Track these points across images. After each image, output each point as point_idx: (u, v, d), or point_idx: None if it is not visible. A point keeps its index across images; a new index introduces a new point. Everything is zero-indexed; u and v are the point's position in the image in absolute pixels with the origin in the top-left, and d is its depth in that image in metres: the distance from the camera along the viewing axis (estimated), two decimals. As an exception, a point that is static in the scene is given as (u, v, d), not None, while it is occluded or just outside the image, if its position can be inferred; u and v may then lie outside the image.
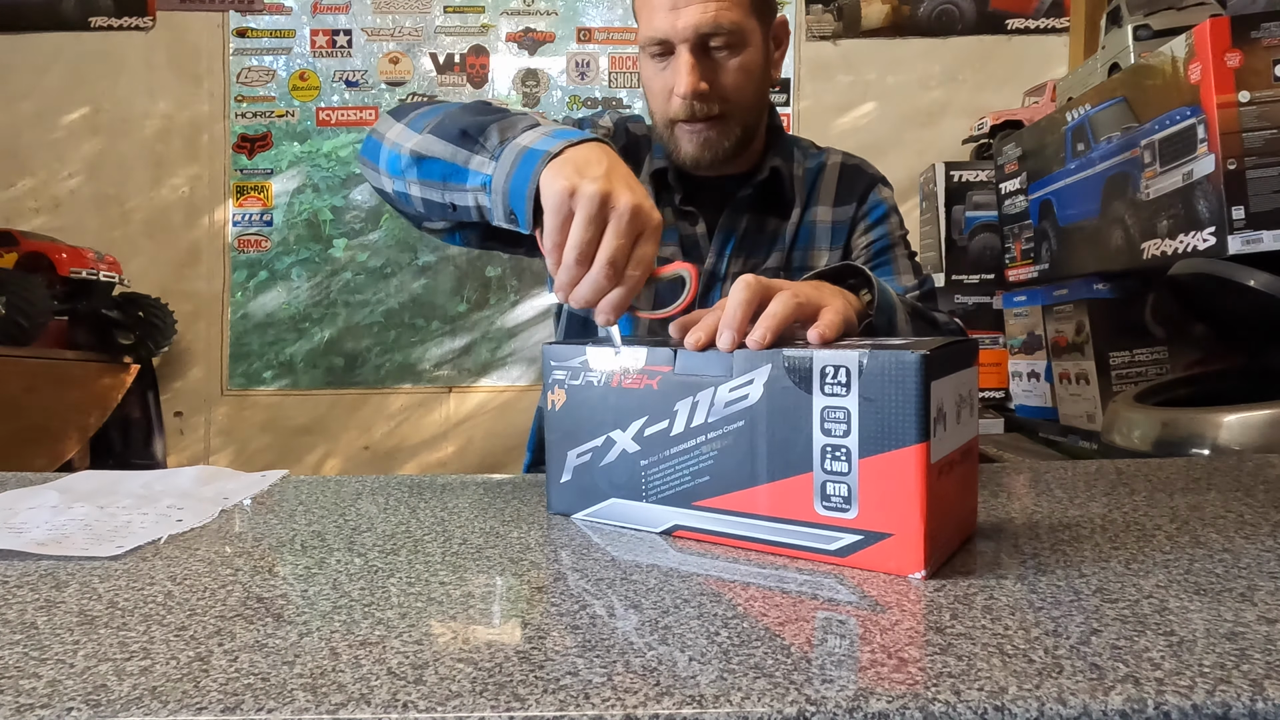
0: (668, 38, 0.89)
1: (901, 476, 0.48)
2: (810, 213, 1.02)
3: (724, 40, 0.89)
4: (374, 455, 2.90)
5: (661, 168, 1.00)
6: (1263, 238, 1.35)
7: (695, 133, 0.93)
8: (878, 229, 1.01)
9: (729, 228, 0.99)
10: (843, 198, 1.02)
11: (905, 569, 0.48)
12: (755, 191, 0.99)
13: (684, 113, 0.91)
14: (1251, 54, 1.36)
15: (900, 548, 0.48)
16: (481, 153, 0.67)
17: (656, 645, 0.39)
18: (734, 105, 0.93)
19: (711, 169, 0.96)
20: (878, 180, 1.05)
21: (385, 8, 2.93)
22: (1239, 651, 0.37)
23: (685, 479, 0.57)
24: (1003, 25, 2.85)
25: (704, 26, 0.88)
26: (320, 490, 0.76)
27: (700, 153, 0.94)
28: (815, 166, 1.04)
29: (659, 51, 0.91)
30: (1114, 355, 1.80)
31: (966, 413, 0.53)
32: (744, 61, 0.92)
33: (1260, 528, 0.58)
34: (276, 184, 2.94)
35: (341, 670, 0.37)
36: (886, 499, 0.48)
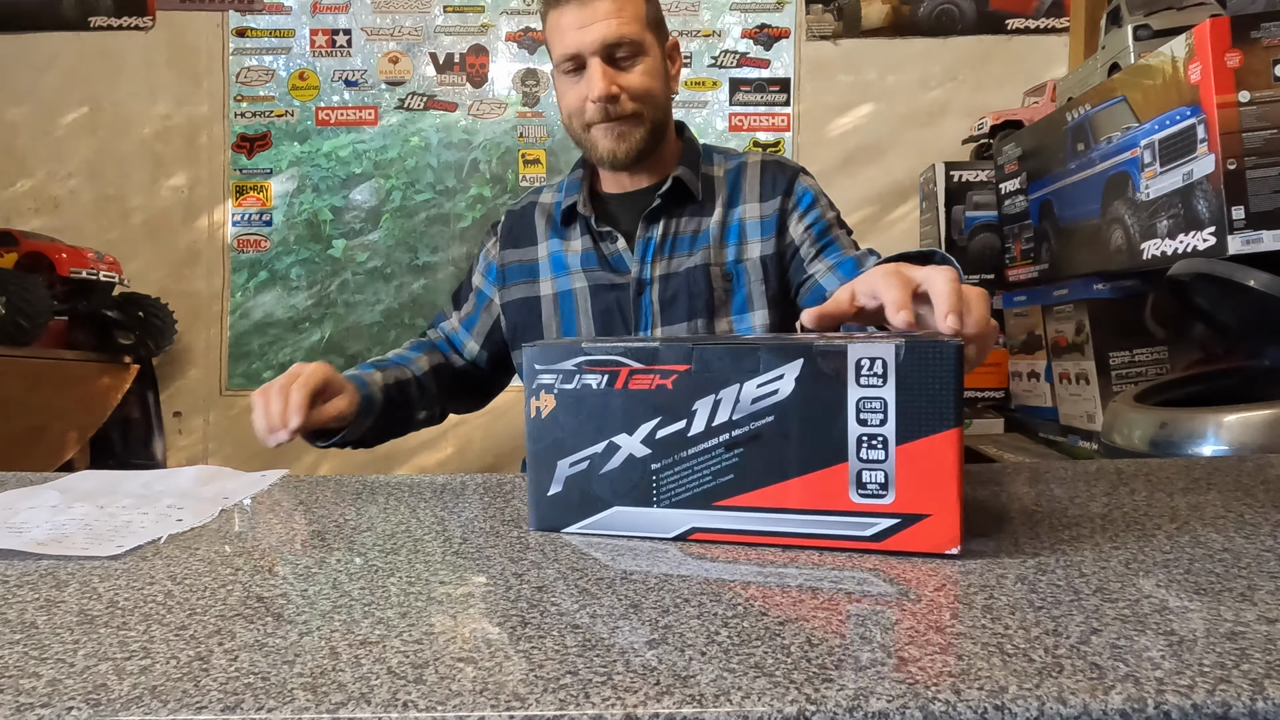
0: (579, 52, 1.02)
1: (940, 459, 0.51)
2: (738, 210, 1.11)
3: (627, 50, 1.02)
4: (373, 455, 2.89)
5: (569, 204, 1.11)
6: (1263, 238, 1.35)
7: (610, 129, 1.04)
8: (810, 214, 1.10)
9: (646, 237, 1.08)
10: (767, 193, 1.11)
11: (944, 546, 0.51)
12: (663, 200, 1.08)
13: (599, 115, 1.03)
14: (1251, 54, 1.36)
15: (938, 527, 0.51)
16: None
17: (656, 645, 0.39)
18: (641, 104, 1.04)
19: (629, 164, 1.06)
20: (799, 170, 1.14)
21: (385, 7, 2.93)
22: (1239, 651, 0.37)
23: (705, 479, 0.56)
24: (1003, 25, 2.84)
25: (610, 38, 1.00)
26: (320, 490, 0.76)
27: (616, 145, 1.04)
28: (735, 167, 1.14)
29: (572, 67, 1.04)
30: (1114, 355, 1.80)
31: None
32: (646, 67, 1.04)
33: (1260, 528, 0.58)
34: (276, 184, 2.94)
35: (341, 670, 0.37)
36: (925, 482, 0.51)
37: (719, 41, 2.93)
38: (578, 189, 1.11)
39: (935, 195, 2.42)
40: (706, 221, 1.09)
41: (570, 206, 1.11)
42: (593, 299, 1.08)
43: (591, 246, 1.10)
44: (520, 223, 1.17)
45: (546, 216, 1.15)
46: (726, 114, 2.92)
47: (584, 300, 1.09)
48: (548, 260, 1.12)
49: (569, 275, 1.10)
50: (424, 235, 2.91)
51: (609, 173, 1.11)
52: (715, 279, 1.07)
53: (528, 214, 1.17)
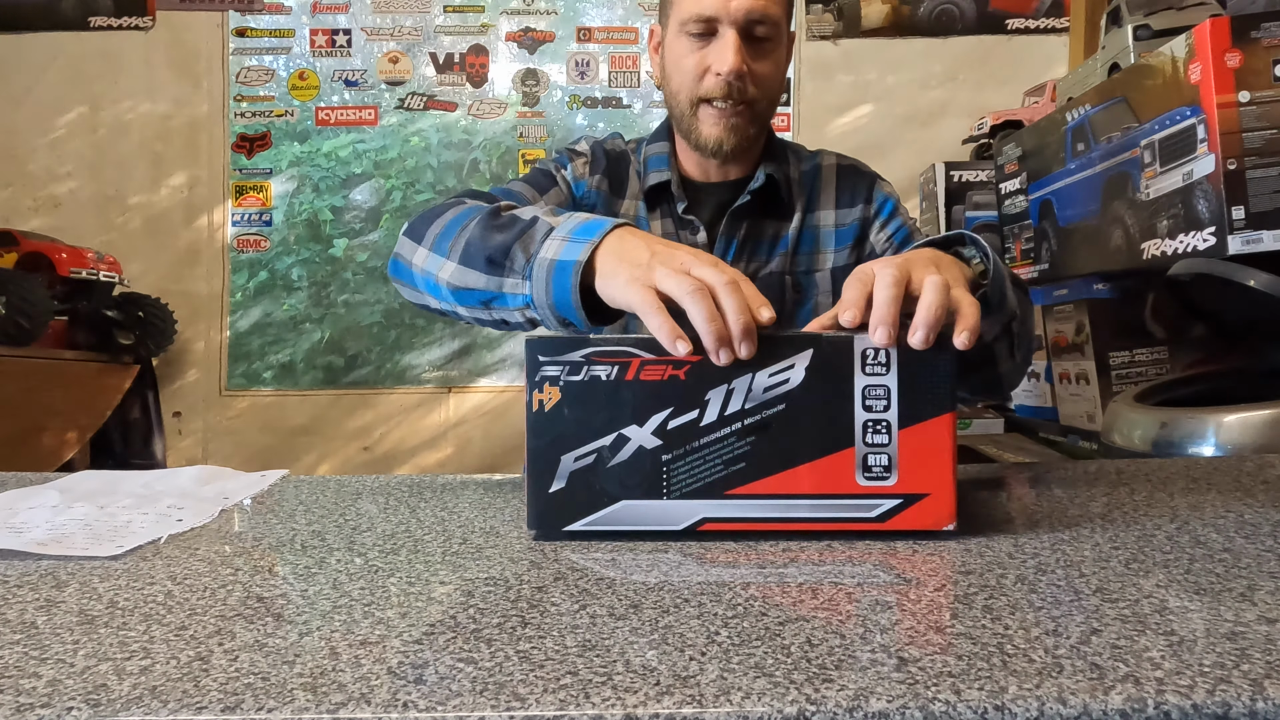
0: (716, 16, 0.90)
1: (937, 442, 0.55)
2: (812, 216, 1.03)
3: (766, 30, 0.92)
4: (373, 455, 2.90)
5: (661, 181, 1.01)
6: (1263, 238, 1.35)
7: (723, 115, 0.94)
8: (893, 223, 1.03)
9: (729, 235, 1.00)
10: (845, 200, 1.03)
11: (941, 523, 0.55)
12: (752, 198, 1.00)
13: (720, 91, 0.92)
14: (1251, 54, 1.36)
15: (936, 505, 0.55)
16: (512, 274, 0.68)
17: (656, 645, 0.39)
18: (762, 94, 0.95)
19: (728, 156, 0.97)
20: (876, 177, 1.07)
21: (385, 7, 2.93)
22: (1239, 651, 0.37)
23: (717, 468, 0.56)
24: (1003, 25, 2.85)
25: (755, 12, 0.90)
26: (320, 490, 0.76)
27: (725, 135, 0.95)
28: (811, 169, 1.05)
29: (700, 31, 0.92)
30: (1114, 355, 1.80)
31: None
32: (777, 55, 0.95)
33: (1260, 528, 0.58)
34: (276, 184, 2.94)
35: (341, 670, 0.37)
36: (924, 463, 0.55)
37: (719, 41, 2.93)
38: (666, 165, 1.02)
39: (935, 195, 2.42)
40: (786, 226, 1.02)
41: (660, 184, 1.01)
42: None
43: (675, 232, 1.02)
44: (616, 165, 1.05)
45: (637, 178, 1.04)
46: (726, 114, 2.92)
47: None
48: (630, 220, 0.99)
49: None
50: (424, 235, 2.91)
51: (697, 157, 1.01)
52: (788, 289, 1.01)
53: (624, 161, 1.05)
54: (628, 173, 1.04)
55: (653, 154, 1.03)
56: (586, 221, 0.66)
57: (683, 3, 0.93)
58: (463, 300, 0.75)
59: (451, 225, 0.76)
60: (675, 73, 0.97)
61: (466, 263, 0.72)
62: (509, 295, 0.69)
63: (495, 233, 0.71)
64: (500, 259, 0.69)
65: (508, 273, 0.69)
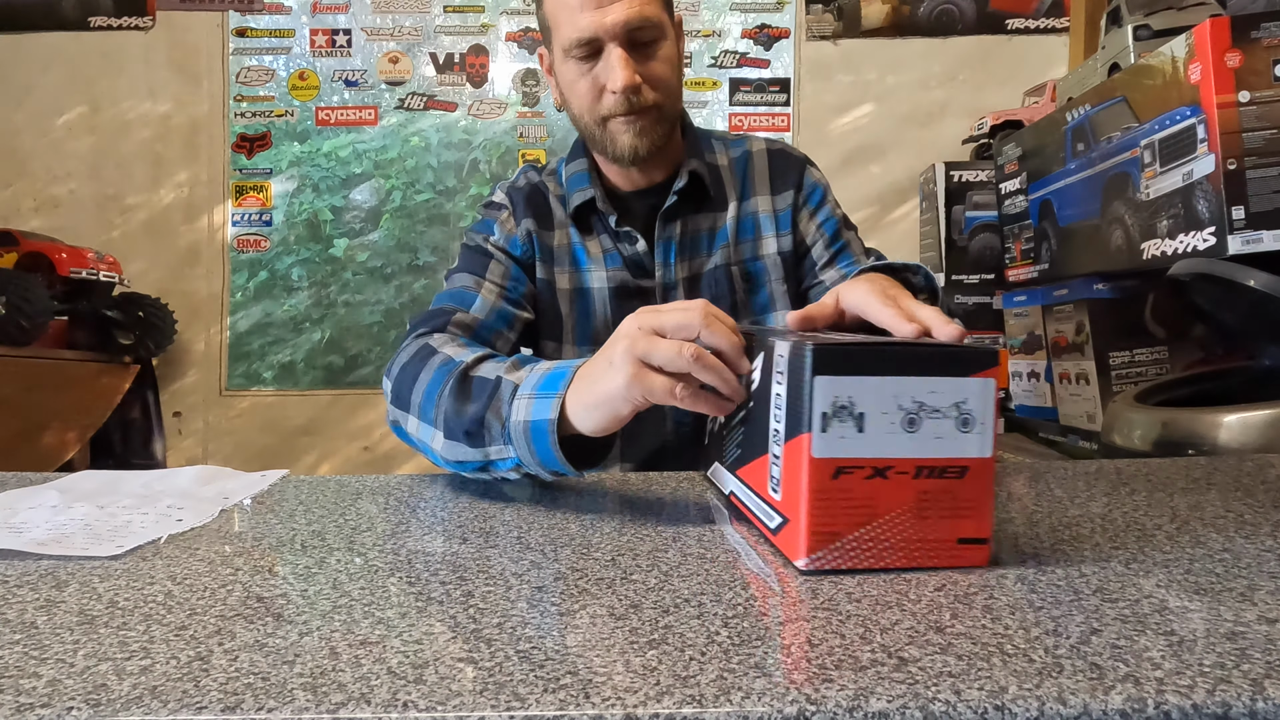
0: (596, 36, 0.90)
1: (797, 464, 0.49)
2: (749, 204, 1.03)
3: (649, 34, 0.91)
4: (373, 456, 2.90)
5: (586, 200, 1.00)
6: (1263, 238, 1.35)
7: (631, 123, 0.93)
8: (821, 211, 1.04)
9: (667, 238, 1.00)
10: (779, 185, 1.04)
11: (793, 555, 0.50)
12: (680, 197, 1.00)
13: (621, 107, 0.92)
14: (1251, 54, 1.36)
15: (793, 534, 0.50)
16: (494, 442, 0.69)
17: (656, 645, 0.39)
18: (663, 94, 0.94)
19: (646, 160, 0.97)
20: (806, 163, 1.07)
21: (385, 7, 2.93)
22: (1239, 651, 0.37)
23: (735, 449, 0.63)
24: (1003, 25, 2.85)
25: (633, 21, 0.89)
26: (320, 490, 0.76)
27: (638, 140, 0.94)
28: (741, 156, 1.05)
29: (585, 53, 0.92)
30: (1114, 355, 1.80)
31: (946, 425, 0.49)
32: (666, 53, 0.94)
33: (1260, 528, 0.58)
34: (276, 184, 2.94)
35: (341, 670, 0.37)
36: (792, 484, 0.50)
37: (719, 41, 2.93)
38: (587, 182, 1.01)
39: (935, 195, 2.42)
40: (722, 218, 1.02)
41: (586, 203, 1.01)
42: (616, 302, 1.00)
43: (613, 247, 1.01)
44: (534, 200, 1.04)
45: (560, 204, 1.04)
46: (726, 114, 2.92)
47: (602, 302, 1.01)
48: (567, 249, 1.02)
49: (588, 273, 1.02)
50: (424, 235, 2.91)
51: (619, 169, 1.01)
52: (736, 279, 1.01)
53: (540, 193, 1.04)
54: (549, 203, 1.04)
55: (572, 173, 1.03)
56: (548, 374, 0.68)
57: (561, 29, 0.92)
58: (462, 469, 0.76)
59: (429, 391, 0.77)
60: (573, 97, 0.96)
61: (450, 436, 0.73)
62: (497, 461, 0.71)
63: (466, 404, 0.72)
64: (477, 430, 0.70)
65: (489, 442, 0.70)
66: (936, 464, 0.49)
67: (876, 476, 0.48)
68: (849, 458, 0.48)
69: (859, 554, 0.49)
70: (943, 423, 0.48)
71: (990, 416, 0.49)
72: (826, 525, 0.48)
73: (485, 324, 0.94)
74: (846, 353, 0.48)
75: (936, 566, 0.49)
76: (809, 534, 0.48)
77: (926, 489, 0.49)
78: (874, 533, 0.49)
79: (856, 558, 0.49)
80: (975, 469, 0.49)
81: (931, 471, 0.49)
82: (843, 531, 0.48)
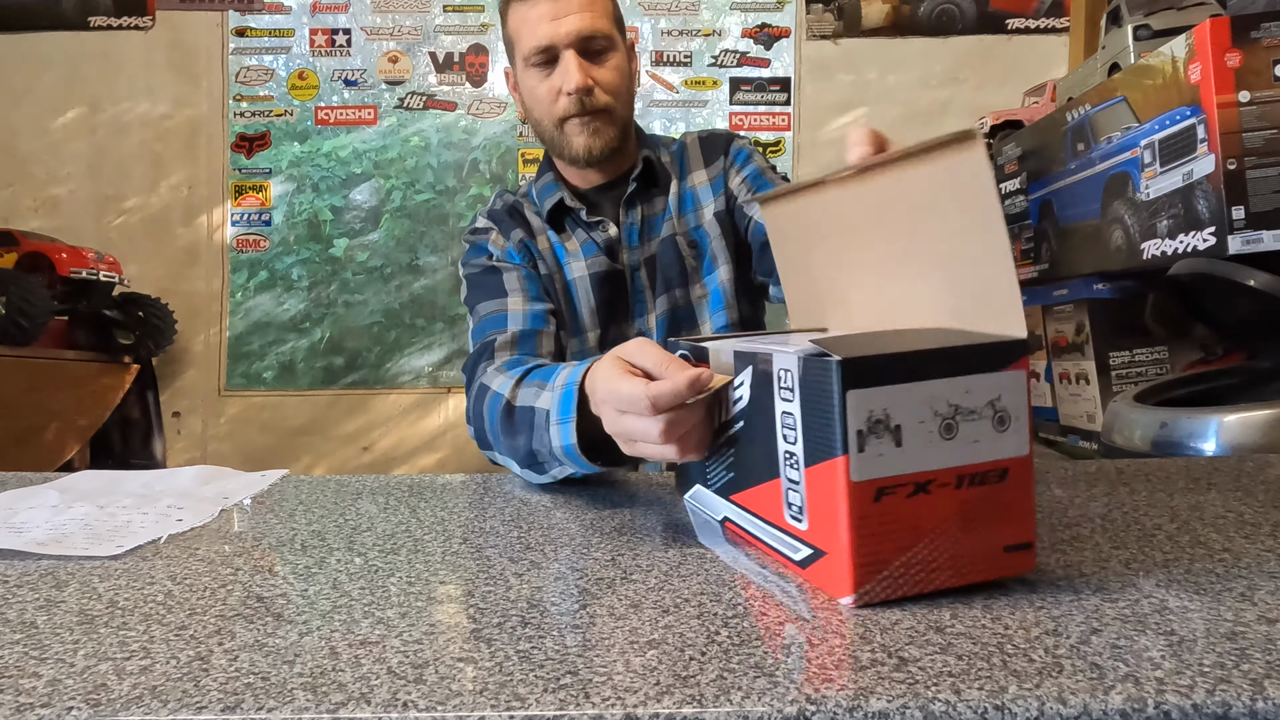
0: (553, 44, 1.01)
1: (829, 490, 0.44)
2: (686, 181, 1.15)
3: (600, 44, 1.03)
4: (373, 456, 2.90)
5: (556, 202, 1.10)
6: (1263, 238, 1.35)
7: (585, 124, 1.04)
8: (748, 167, 1.13)
9: (630, 223, 1.11)
10: (709, 159, 1.15)
11: (837, 592, 0.45)
12: (638, 184, 1.10)
13: (574, 108, 1.02)
14: (1251, 54, 1.36)
15: (833, 568, 0.45)
16: (552, 464, 0.75)
17: (656, 645, 0.39)
18: (613, 99, 1.05)
19: (601, 160, 1.07)
20: (734, 136, 1.18)
21: (384, 7, 2.93)
22: (1239, 651, 0.37)
23: (724, 472, 0.58)
24: (1003, 25, 2.84)
25: (585, 30, 1.01)
26: (320, 490, 0.76)
27: (592, 140, 1.04)
28: (678, 148, 1.17)
29: (542, 60, 1.02)
30: (1114, 355, 1.80)
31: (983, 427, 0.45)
32: (616, 62, 1.05)
33: (1260, 528, 0.57)
34: (275, 184, 2.94)
35: (341, 669, 0.37)
36: (823, 513, 0.46)
37: (719, 41, 2.93)
38: (555, 189, 1.11)
39: (935, 195, 2.42)
40: (666, 199, 1.14)
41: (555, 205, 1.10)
42: (597, 288, 1.09)
43: (588, 238, 1.11)
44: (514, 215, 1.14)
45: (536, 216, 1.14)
46: (727, 113, 2.92)
47: (585, 290, 1.10)
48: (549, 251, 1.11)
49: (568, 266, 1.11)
50: (424, 235, 2.91)
51: (578, 171, 1.11)
52: (683, 248, 1.11)
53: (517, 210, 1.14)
54: (526, 215, 1.14)
55: (541, 186, 1.13)
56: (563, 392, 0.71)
57: (522, 40, 1.03)
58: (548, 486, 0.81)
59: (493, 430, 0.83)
60: (534, 103, 1.06)
61: (523, 465, 0.79)
62: (563, 474, 0.76)
63: (516, 438, 0.78)
64: (533, 461, 0.76)
65: (549, 466, 0.75)
66: (978, 470, 0.45)
67: (919, 493, 0.44)
68: (890, 476, 0.44)
69: (908, 580, 0.44)
70: (979, 424, 0.45)
71: (1025, 411, 0.46)
72: (872, 554, 0.44)
73: (525, 333, 1.00)
74: (876, 360, 0.44)
75: (986, 580, 0.46)
76: (855, 566, 0.43)
77: (969, 498, 0.45)
78: (921, 554, 0.45)
79: (906, 584, 0.44)
80: (1015, 469, 0.46)
81: (973, 479, 0.45)
82: (890, 558, 0.44)
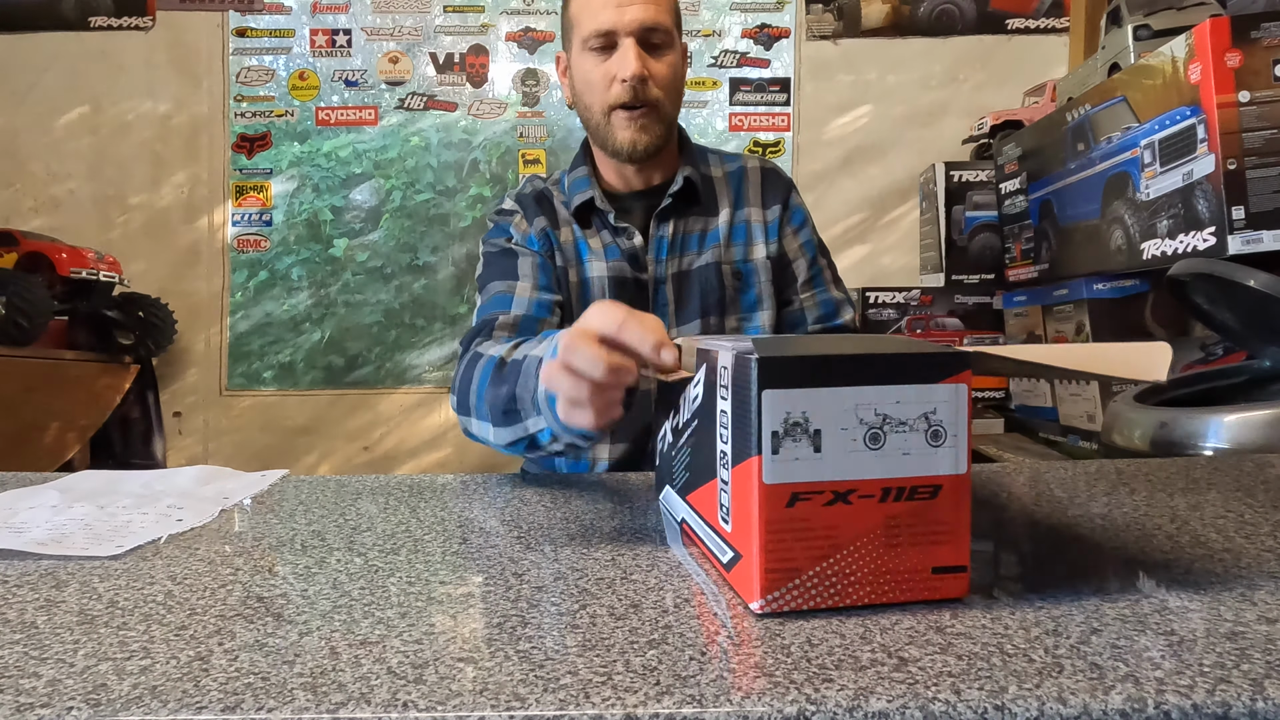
0: (613, 29, 1.00)
1: (747, 491, 0.43)
2: (741, 212, 1.13)
3: (660, 38, 1.01)
4: (373, 456, 2.89)
5: (585, 200, 1.08)
6: (1263, 238, 1.35)
7: (632, 119, 1.02)
8: (803, 232, 1.14)
9: (660, 236, 1.09)
10: (769, 200, 1.14)
11: (748, 596, 0.44)
12: (674, 200, 1.08)
13: (626, 95, 1.01)
14: (1251, 54, 1.36)
15: (746, 571, 0.44)
16: (528, 415, 0.75)
17: (656, 645, 0.39)
18: (665, 97, 1.03)
19: (643, 158, 1.05)
20: (793, 186, 1.17)
21: (385, 7, 2.93)
22: (1239, 651, 0.37)
23: (684, 472, 0.58)
24: (1003, 25, 2.84)
25: (648, 21, 1.00)
26: (320, 490, 0.76)
27: (638, 135, 1.03)
28: (736, 170, 1.15)
29: (601, 45, 1.01)
30: (1114, 355, 1.79)
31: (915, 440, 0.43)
32: (672, 60, 1.04)
33: (1260, 528, 0.57)
34: (276, 184, 2.94)
35: (341, 669, 0.37)
36: (742, 515, 0.44)
37: (719, 41, 2.93)
38: (588, 185, 1.09)
39: (935, 195, 2.42)
40: (714, 221, 1.11)
41: (586, 203, 1.09)
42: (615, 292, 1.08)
43: (612, 241, 1.09)
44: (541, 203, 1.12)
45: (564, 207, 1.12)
46: (726, 114, 2.92)
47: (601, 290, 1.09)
48: (572, 245, 1.10)
49: (588, 264, 1.10)
50: (424, 235, 2.91)
51: (616, 167, 1.09)
52: (726, 277, 1.10)
53: (546, 197, 1.12)
54: (554, 205, 1.12)
55: (574, 179, 1.11)
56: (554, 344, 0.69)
57: (583, 23, 1.02)
58: (518, 451, 0.82)
59: (479, 390, 0.83)
60: (585, 89, 1.05)
61: (497, 423, 0.80)
62: (537, 434, 0.76)
63: (501, 387, 0.79)
64: (512, 408, 0.76)
65: (524, 416, 0.75)
66: (906, 484, 0.43)
67: (838, 502, 0.42)
68: (805, 482, 0.42)
69: (821, 592, 0.43)
70: (910, 436, 0.43)
71: (964, 427, 0.44)
72: (783, 561, 0.42)
73: (528, 317, 1.01)
74: (798, 361, 0.42)
75: (910, 601, 0.44)
76: (763, 571, 0.42)
77: (895, 513, 0.43)
78: (838, 566, 0.43)
79: (819, 596, 0.43)
80: (949, 487, 0.43)
81: (900, 493, 0.43)
82: (802, 567, 0.43)
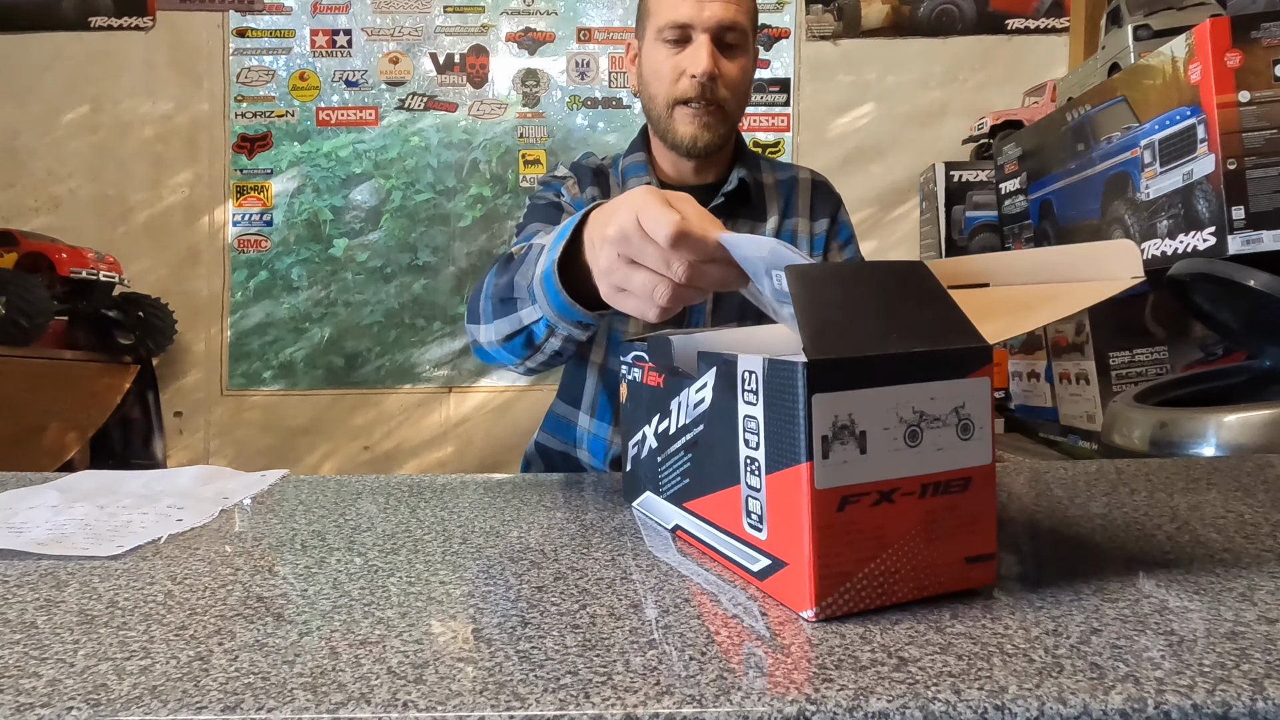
0: (690, 23, 0.98)
1: (792, 498, 0.43)
2: (790, 221, 1.12)
3: (735, 38, 1.00)
4: (374, 455, 2.90)
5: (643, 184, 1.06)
6: (1263, 238, 1.35)
7: (696, 115, 1.01)
8: (849, 249, 1.14)
9: None
10: (818, 213, 1.13)
11: (798, 605, 0.43)
12: (726, 200, 1.07)
13: (694, 91, 0.99)
14: (1251, 54, 1.36)
15: (793, 580, 0.43)
16: (525, 304, 0.72)
17: (657, 645, 0.39)
18: (731, 98, 1.02)
19: (702, 154, 1.04)
20: (842, 202, 1.17)
21: (385, 8, 2.93)
22: (1239, 651, 0.37)
23: (679, 479, 0.57)
24: (1003, 25, 2.84)
25: (725, 20, 0.98)
26: (320, 490, 0.76)
27: (700, 133, 1.02)
28: (788, 179, 1.14)
29: (676, 37, 1.00)
30: (1114, 355, 1.80)
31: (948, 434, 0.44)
32: (744, 63, 1.02)
33: (1260, 528, 0.57)
34: (276, 184, 2.94)
35: (341, 670, 0.37)
36: (784, 522, 0.44)
37: (719, 41, 2.93)
38: (644, 172, 1.08)
39: (935, 195, 2.42)
40: (761, 227, 1.09)
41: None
42: None
43: None
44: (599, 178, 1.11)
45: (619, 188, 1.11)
46: (726, 114, 2.92)
47: None
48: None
49: None
50: (424, 235, 2.91)
51: (673, 160, 1.08)
52: None
53: (604, 174, 1.11)
54: (609, 184, 1.11)
55: (630, 164, 1.10)
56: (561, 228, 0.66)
57: (660, 12, 1.01)
58: (513, 351, 0.79)
59: (487, 287, 0.81)
60: (653, 78, 1.03)
61: (495, 316, 0.77)
62: (532, 326, 0.73)
63: (504, 275, 0.76)
64: (509, 295, 0.74)
65: (520, 305, 0.72)
66: (941, 478, 0.44)
67: (883, 502, 0.43)
68: (854, 484, 0.42)
69: (870, 593, 0.43)
70: (944, 432, 0.44)
71: (989, 420, 0.45)
72: (835, 565, 0.42)
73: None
74: (844, 364, 0.42)
75: (946, 592, 0.45)
76: (817, 579, 0.42)
77: (932, 508, 0.44)
78: (884, 565, 0.43)
79: (868, 597, 0.43)
80: (977, 479, 0.45)
81: (936, 488, 0.44)
82: (852, 570, 0.43)
